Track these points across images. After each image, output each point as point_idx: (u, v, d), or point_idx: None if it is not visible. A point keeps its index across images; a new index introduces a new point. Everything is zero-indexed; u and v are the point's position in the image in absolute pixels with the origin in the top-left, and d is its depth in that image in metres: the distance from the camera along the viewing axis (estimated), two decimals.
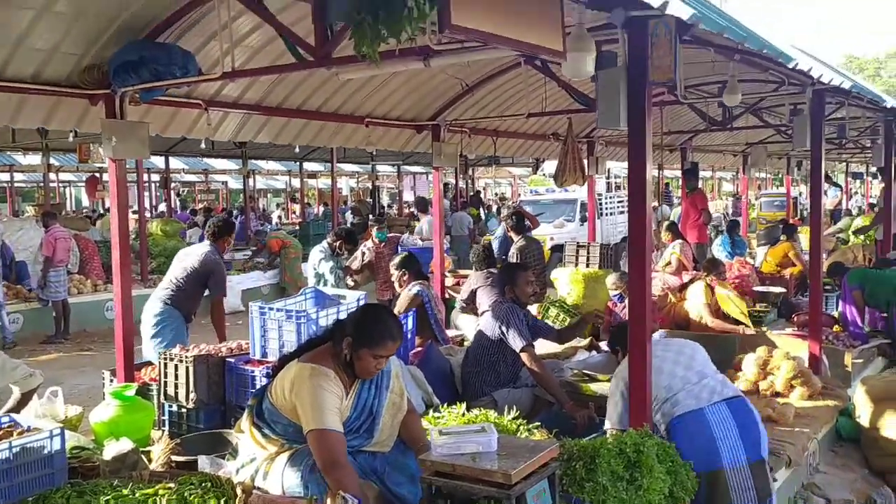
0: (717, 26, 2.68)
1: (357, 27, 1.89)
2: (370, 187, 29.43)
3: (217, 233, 5.77)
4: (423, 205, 12.04)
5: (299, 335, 4.19)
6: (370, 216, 17.17)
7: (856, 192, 30.06)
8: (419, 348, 5.33)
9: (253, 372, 4.34)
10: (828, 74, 4.13)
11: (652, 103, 3.51)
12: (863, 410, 5.28)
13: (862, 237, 12.50)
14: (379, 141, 7.68)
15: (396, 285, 6.15)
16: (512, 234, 8.12)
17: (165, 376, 4.47)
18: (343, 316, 3.98)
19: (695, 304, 6.91)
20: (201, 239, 8.98)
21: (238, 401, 4.37)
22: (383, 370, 3.12)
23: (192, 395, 4.31)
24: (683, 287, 7.36)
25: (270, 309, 4.46)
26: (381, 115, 7.14)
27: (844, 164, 23.60)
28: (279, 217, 26.96)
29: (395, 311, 5.42)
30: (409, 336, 5.10)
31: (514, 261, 7.71)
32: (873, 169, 19.29)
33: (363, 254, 7.66)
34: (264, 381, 4.03)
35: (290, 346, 4.06)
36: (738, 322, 6.78)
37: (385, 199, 34.31)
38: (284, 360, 3.22)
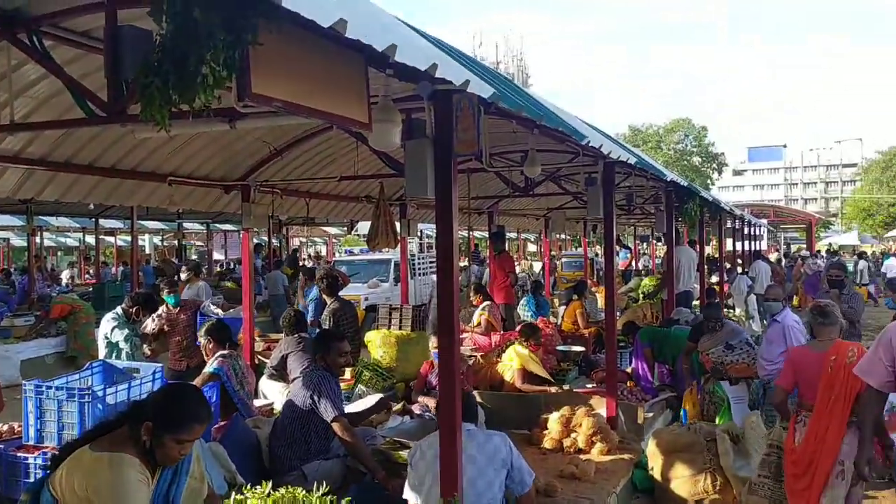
0: (516, 105, 2.81)
1: (144, 90, 1.76)
2: (176, 245, 27.92)
3: None
4: (197, 268, 11.27)
5: (82, 417, 3.77)
6: (173, 277, 16.19)
7: (643, 254, 32.95)
8: (222, 422, 5.00)
9: (27, 459, 3.84)
10: (616, 151, 4.48)
11: (459, 171, 3.62)
12: (654, 463, 5.63)
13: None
14: (183, 200, 7.30)
15: (204, 354, 5.77)
16: (325, 296, 7.97)
17: None
18: (136, 392, 3.64)
19: (509, 368, 7.14)
20: None
21: (8, 492, 3.85)
22: None
23: None
24: (502, 351, 7.60)
25: (49, 387, 3.99)
26: (187, 174, 6.78)
27: (633, 227, 25.87)
28: (71, 278, 24.70)
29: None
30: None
31: (328, 323, 7.55)
32: (658, 233, 21.28)
33: (153, 320, 7.10)
34: (41, 472, 3.58)
35: (72, 430, 3.64)
36: (545, 381, 7.10)
37: (193, 258, 32.65)
38: (70, 447, 2.80)
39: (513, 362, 7.16)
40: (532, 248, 41.20)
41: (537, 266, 25.21)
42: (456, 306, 3.58)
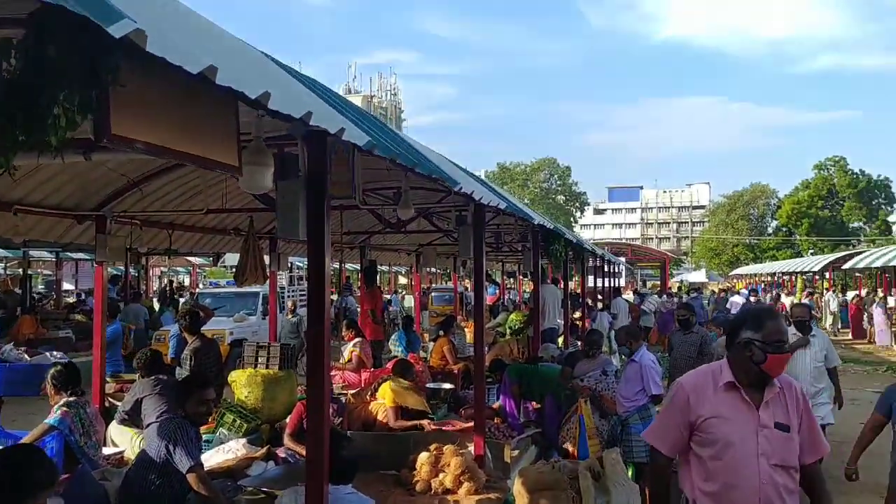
0: (391, 152, 2.80)
1: None
2: (21, 274, 25.81)
3: None
4: None
5: None
6: (18, 308, 14.97)
7: (510, 288, 33.81)
8: (65, 475, 4.60)
9: None
10: (486, 196, 4.58)
11: (332, 208, 3.56)
12: (521, 502, 5.69)
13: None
14: (30, 231, 6.73)
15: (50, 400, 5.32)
16: (186, 334, 7.58)
17: None
18: None
19: (381, 406, 7.06)
20: None
21: None
22: None
23: None
24: (375, 389, 7.50)
25: None
26: (35, 202, 6.28)
27: (501, 263, 26.52)
28: None
29: (29, 437, 4.67)
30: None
31: (189, 363, 7.18)
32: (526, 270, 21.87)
33: None
34: None
35: None
36: (423, 413, 7.06)
37: (40, 289, 30.34)
38: None
39: (384, 400, 7.09)
40: (403, 280, 41.34)
41: (410, 300, 25.30)
42: (327, 350, 3.49)
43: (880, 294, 24.96)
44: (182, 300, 19.18)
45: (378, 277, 17.98)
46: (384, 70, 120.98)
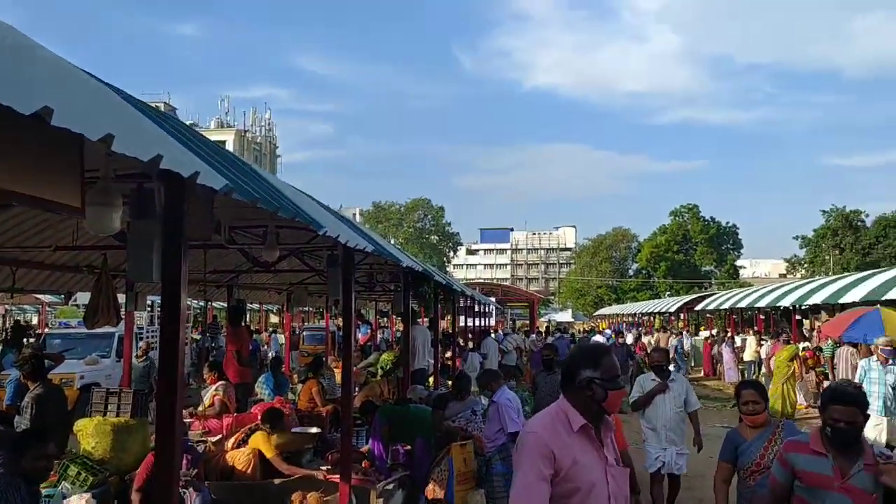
0: (251, 196, 2.73)
1: None
2: None
3: None
4: None
5: None
6: None
7: (384, 328, 33.66)
8: None
9: None
10: (354, 240, 4.55)
11: (194, 247, 3.42)
12: None
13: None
14: None
15: None
16: (28, 381, 6.98)
17: None
18: None
19: (244, 455, 6.77)
20: None
21: None
22: None
23: None
24: (245, 438, 7.18)
25: None
26: None
27: (374, 302, 26.38)
28: None
29: None
30: None
31: (29, 412, 6.61)
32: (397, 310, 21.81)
33: None
34: None
35: None
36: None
37: None
38: None
39: (261, 447, 6.84)
40: (274, 318, 40.23)
41: (281, 338, 24.62)
42: (180, 396, 3.32)
43: (729, 333, 26.75)
44: (31, 340, 17.73)
45: (247, 316, 17.42)
46: (259, 105, 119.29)
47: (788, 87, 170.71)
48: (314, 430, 8.57)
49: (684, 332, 30.13)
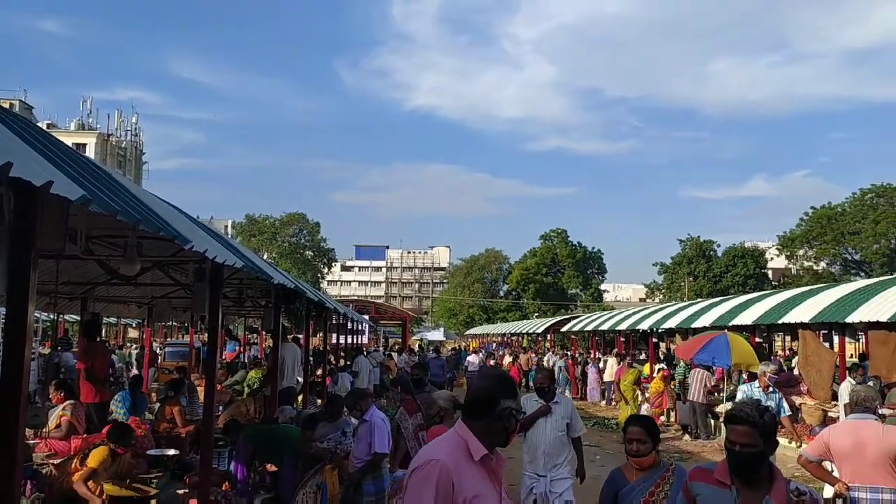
0: (111, 208, 2.60)
1: None
2: None
3: None
4: None
5: None
6: None
7: (253, 344, 32.73)
8: None
9: None
10: (223, 255, 4.42)
11: (46, 257, 3.21)
12: None
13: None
14: None
15: None
16: None
17: None
18: None
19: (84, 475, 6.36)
20: None
21: None
22: None
23: None
24: (86, 455, 6.73)
25: None
26: None
27: (244, 318, 25.63)
28: None
29: None
30: None
31: None
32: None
33: None
34: None
35: None
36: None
37: None
38: None
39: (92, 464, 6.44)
40: (133, 333, 38.16)
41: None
42: (22, 416, 3.09)
43: (596, 355, 27.91)
44: None
45: (103, 331, 16.42)
46: (125, 108, 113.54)
47: (653, 121, 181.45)
48: (172, 451, 8.20)
49: (550, 352, 31.12)
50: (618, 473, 4.43)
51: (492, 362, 24.20)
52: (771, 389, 9.68)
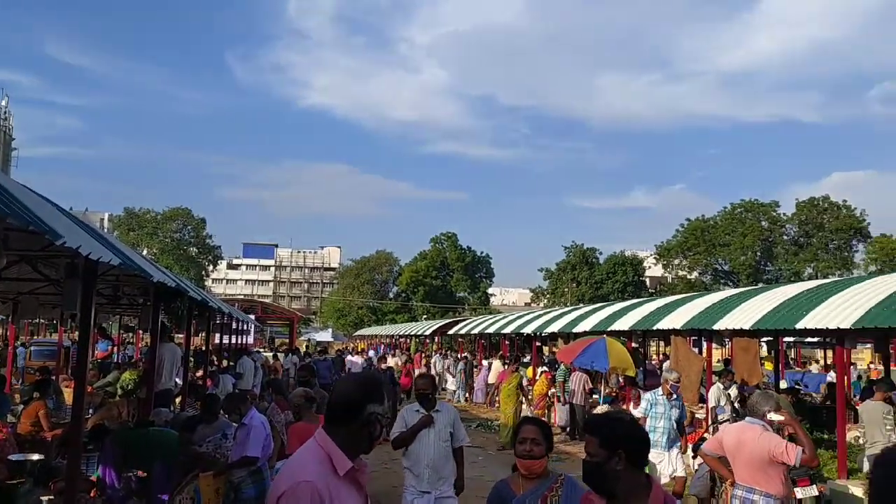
0: None
1: None
2: None
3: None
4: None
5: None
6: None
7: (129, 343, 31.24)
8: None
9: None
10: (98, 252, 4.22)
11: None
12: None
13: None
14: None
15: None
16: None
17: None
18: None
19: None
20: None
21: None
22: None
23: None
24: None
25: None
26: None
27: (119, 317, 24.42)
28: None
29: None
30: None
31: None
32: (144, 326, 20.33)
33: None
34: None
35: None
36: None
37: None
38: None
39: None
40: None
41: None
42: None
43: (478, 357, 28.40)
44: None
45: None
46: None
47: (542, 130, 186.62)
48: (35, 456, 7.73)
49: (437, 354, 31.37)
50: (503, 486, 4.10)
51: (384, 365, 23.96)
52: (674, 397, 9.36)
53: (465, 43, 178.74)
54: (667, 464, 9.07)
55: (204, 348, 18.53)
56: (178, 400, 12.00)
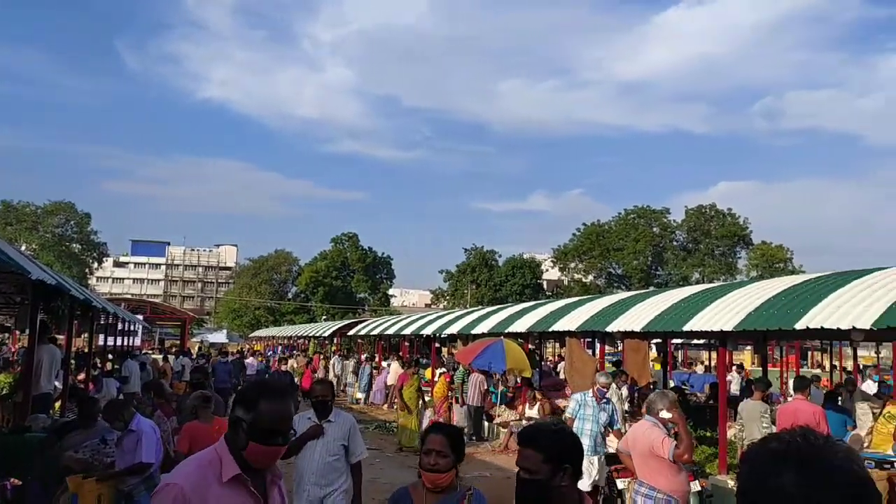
0: None
1: None
2: None
3: None
4: None
5: None
6: None
7: (2, 344, 29.33)
8: None
9: None
10: None
11: None
12: None
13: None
14: None
15: None
16: None
17: None
18: None
19: None
20: None
21: None
22: None
23: None
24: None
25: None
26: None
27: None
28: None
29: None
30: None
31: None
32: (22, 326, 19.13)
33: None
34: None
35: None
36: None
37: None
38: None
39: None
40: None
41: None
42: None
43: (376, 358, 28.23)
44: None
45: None
46: None
47: (444, 133, 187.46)
48: None
49: (336, 356, 31.04)
50: (403, 495, 3.69)
51: (284, 368, 23.30)
52: (604, 400, 9.05)
53: (369, 42, 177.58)
54: (594, 471, 8.75)
55: (87, 350, 17.59)
56: (57, 405, 11.33)
